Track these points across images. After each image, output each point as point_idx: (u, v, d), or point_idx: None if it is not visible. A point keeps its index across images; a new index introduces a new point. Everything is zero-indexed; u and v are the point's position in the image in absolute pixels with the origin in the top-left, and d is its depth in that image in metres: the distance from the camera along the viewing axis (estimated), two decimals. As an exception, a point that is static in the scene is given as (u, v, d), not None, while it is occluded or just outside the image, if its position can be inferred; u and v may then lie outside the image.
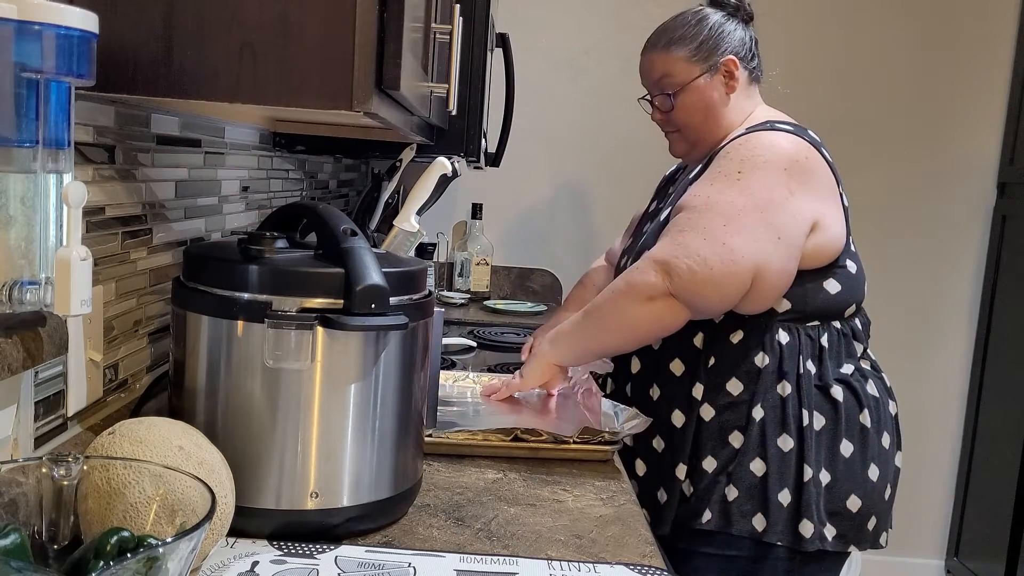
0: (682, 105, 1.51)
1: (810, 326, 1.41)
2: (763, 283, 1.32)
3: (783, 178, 1.35)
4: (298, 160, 1.92)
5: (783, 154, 1.37)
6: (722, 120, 1.51)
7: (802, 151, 1.39)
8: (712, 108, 1.50)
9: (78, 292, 0.69)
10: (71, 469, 0.66)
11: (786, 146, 1.38)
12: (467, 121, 1.76)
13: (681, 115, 1.52)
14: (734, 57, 1.49)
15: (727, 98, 1.51)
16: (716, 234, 1.30)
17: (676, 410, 1.42)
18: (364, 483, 0.91)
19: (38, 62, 0.65)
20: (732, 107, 1.51)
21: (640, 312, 1.34)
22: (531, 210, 2.85)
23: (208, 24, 0.78)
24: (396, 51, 0.83)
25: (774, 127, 1.44)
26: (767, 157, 1.36)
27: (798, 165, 1.37)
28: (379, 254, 0.95)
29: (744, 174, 1.35)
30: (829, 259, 1.40)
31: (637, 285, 1.33)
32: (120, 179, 1.05)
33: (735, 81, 1.50)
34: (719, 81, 1.50)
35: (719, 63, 1.49)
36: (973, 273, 2.93)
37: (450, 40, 1.12)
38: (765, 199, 1.33)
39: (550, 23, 2.78)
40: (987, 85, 2.85)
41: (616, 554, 0.93)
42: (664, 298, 1.32)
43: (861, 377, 1.43)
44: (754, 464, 1.36)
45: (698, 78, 1.49)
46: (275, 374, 0.86)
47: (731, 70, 1.49)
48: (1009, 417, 2.75)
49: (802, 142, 1.40)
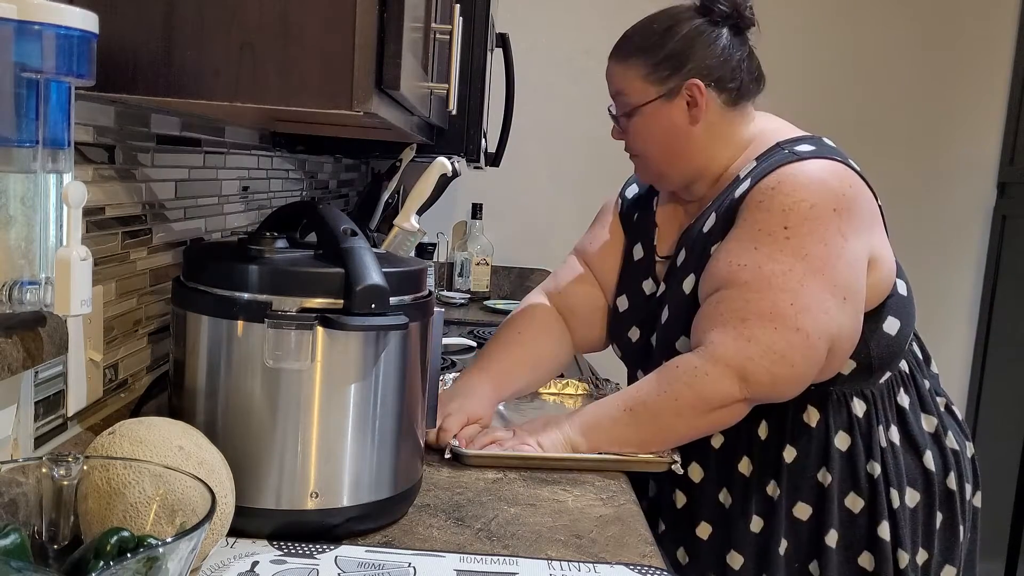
0: (635, 131, 1.29)
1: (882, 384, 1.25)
2: (835, 355, 1.17)
3: (834, 223, 1.15)
4: (298, 160, 1.92)
5: (828, 193, 1.16)
6: (690, 151, 1.27)
7: (844, 180, 1.18)
8: (673, 138, 1.26)
9: (78, 292, 0.69)
10: (71, 469, 0.66)
11: (827, 180, 1.17)
12: (467, 121, 1.76)
13: (636, 142, 1.30)
14: (698, 81, 1.23)
15: (691, 128, 1.26)
16: (787, 320, 1.12)
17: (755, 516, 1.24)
18: (364, 483, 0.91)
19: (38, 62, 0.65)
20: (703, 138, 1.26)
21: (706, 422, 1.18)
22: (531, 210, 2.85)
23: (208, 24, 0.78)
24: (396, 51, 0.82)
25: (797, 155, 1.20)
26: (812, 201, 1.15)
27: (845, 199, 1.17)
28: (379, 254, 0.95)
29: (792, 229, 1.14)
30: (885, 293, 1.23)
31: (709, 397, 1.15)
32: (120, 179, 1.05)
33: (699, 110, 1.24)
34: (680, 108, 1.25)
35: (680, 87, 1.24)
36: (973, 273, 2.93)
37: (450, 40, 1.12)
38: (823, 257, 1.14)
39: (550, 23, 2.78)
40: (987, 85, 2.85)
41: (616, 554, 0.93)
42: (735, 405, 1.16)
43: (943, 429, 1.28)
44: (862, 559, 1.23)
45: (652, 102, 1.25)
46: (275, 374, 0.86)
47: (695, 96, 1.24)
48: (1009, 417, 2.75)
49: (837, 166, 1.20)
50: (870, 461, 1.22)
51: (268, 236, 0.90)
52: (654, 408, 1.17)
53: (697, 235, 1.27)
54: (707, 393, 1.15)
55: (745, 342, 1.13)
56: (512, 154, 2.32)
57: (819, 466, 1.23)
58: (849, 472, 1.23)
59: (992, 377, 2.87)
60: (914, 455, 1.25)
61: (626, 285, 1.41)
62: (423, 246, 2.53)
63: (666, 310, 1.29)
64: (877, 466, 1.22)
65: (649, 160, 1.31)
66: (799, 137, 1.27)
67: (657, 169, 1.32)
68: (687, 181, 1.31)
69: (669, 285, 1.31)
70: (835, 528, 1.22)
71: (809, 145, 1.23)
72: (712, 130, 1.27)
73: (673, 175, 1.31)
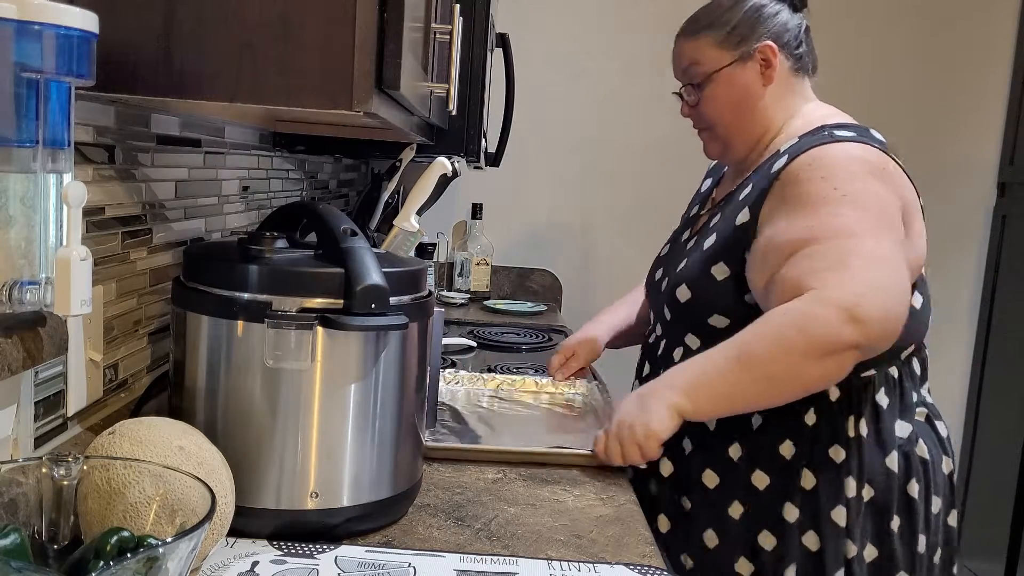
0: (710, 97, 1.33)
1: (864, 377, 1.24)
2: None
3: (875, 183, 1.18)
4: (298, 160, 1.92)
5: (864, 163, 1.20)
6: (757, 116, 1.33)
7: (881, 159, 1.22)
8: (744, 101, 1.33)
9: (78, 292, 0.69)
10: (71, 469, 0.66)
11: (863, 155, 1.21)
12: (467, 121, 1.76)
13: (709, 109, 1.34)
14: (772, 43, 1.31)
15: (763, 91, 1.32)
16: (884, 259, 1.12)
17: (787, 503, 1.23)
18: (364, 483, 0.91)
19: (38, 62, 0.65)
20: (770, 102, 1.33)
21: (818, 371, 1.12)
22: (531, 210, 2.85)
23: (208, 24, 0.78)
24: (396, 51, 0.83)
25: (833, 136, 1.24)
26: (849, 166, 1.19)
27: (880, 171, 1.20)
28: (379, 254, 0.95)
29: (841, 188, 1.16)
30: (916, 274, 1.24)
31: (818, 339, 1.09)
32: (120, 179, 1.05)
33: (772, 70, 1.31)
34: (754, 70, 1.32)
35: (754, 49, 1.31)
36: (973, 273, 2.93)
37: (450, 40, 1.12)
38: (879, 210, 1.16)
39: (550, 23, 2.78)
40: (987, 85, 2.85)
41: (616, 554, 0.93)
42: (845, 352, 1.11)
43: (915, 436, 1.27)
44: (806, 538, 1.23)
45: (728, 66, 1.31)
46: (275, 374, 0.86)
47: (768, 57, 1.31)
48: (1009, 417, 2.75)
49: (874, 150, 1.23)
50: (834, 445, 1.22)
51: (268, 236, 0.90)
52: (763, 356, 1.11)
53: (734, 202, 1.32)
54: (817, 334, 1.09)
55: (851, 281, 1.09)
56: (512, 154, 2.32)
57: (783, 437, 1.24)
58: (809, 449, 1.23)
59: (992, 377, 2.87)
60: (879, 452, 1.24)
61: (672, 237, 1.51)
62: (423, 246, 2.53)
63: (685, 260, 1.34)
64: (841, 452, 1.22)
65: (718, 127, 1.35)
66: (844, 123, 1.30)
67: (725, 137, 1.36)
68: (749, 149, 1.36)
69: (697, 240, 1.36)
70: (792, 503, 1.23)
71: (850, 131, 1.26)
72: (777, 94, 1.33)
73: (739, 144, 1.36)
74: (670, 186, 2.66)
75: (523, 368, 1.77)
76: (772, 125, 1.34)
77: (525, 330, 2.23)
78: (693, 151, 1.53)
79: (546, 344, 2.08)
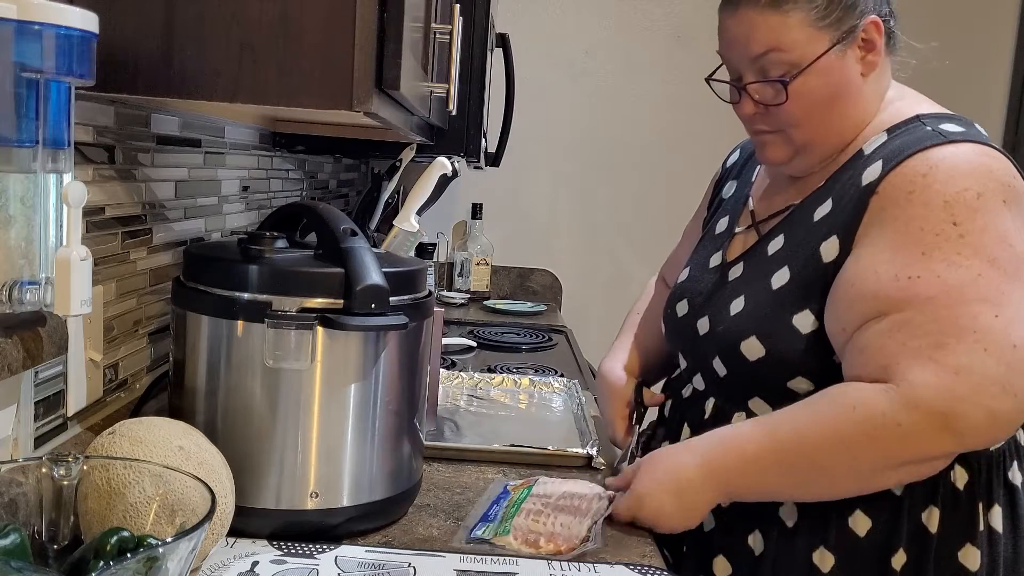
0: (802, 93, 1.00)
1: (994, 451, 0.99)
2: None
3: (1007, 216, 0.92)
4: (298, 160, 1.92)
5: (994, 182, 0.93)
6: (851, 114, 1.03)
7: (1008, 170, 0.96)
8: (841, 97, 1.02)
9: (78, 292, 0.69)
10: (71, 469, 0.66)
11: (990, 166, 0.95)
12: (467, 121, 1.76)
13: (798, 109, 1.01)
14: (877, 17, 1.01)
15: (862, 81, 1.02)
16: (997, 336, 0.87)
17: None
18: (364, 483, 0.91)
19: (38, 62, 0.65)
20: (868, 94, 1.04)
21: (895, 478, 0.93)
22: (531, 210, 2.85)
23: (208, 24, 0.78)
24: (396, 51, 0.83)
25: (945, 135, 0.97)
26: (978, 190, 0.92)
27: (1013, 192, 0.94)
28: (379, 254, 0.95)
29: (963, 225, 0.91)
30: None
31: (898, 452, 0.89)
32: (120, 179, 1.05)
33: (876, 54, 1.02)
34: (854, 56, 1.01)
35: (857, 27, 1.00)
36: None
37: (450, 40, 1.12)
38: (1010, 258, 0.91)
39: (550, 23, 2.78)
40: (987, 85, 2.85)
41: (616, 554, 0.93)
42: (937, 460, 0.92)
43: None
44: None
45: (827, 53, 0.99)
46: (275, 374, 0.86)
47: (872, 38, 1.01)
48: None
49: (995, 153, 0.97)
50: (966, 545, 0.96)
51: (268, 236, 0.90)
52: (819, 462, 0.92)
53: (805, 222, 1.04)
54: (897, 449, 0.89)
55: (951, 376, 0.87)
56: (512, 154, 2.31)
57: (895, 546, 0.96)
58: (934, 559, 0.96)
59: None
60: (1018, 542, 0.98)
61: (694, 258, 1.22)
62: (423, 246, 2.52)
63: (741, 299, 1.06)
64: (977, 556, 0.95)
65: (800, 130, 1.04)
66: (944, 114, 1.04)
67: (805, 142, 1.05)
68: (830, 157, 1.06)
69: (750, 270, 1.08)
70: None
71: (957, 126, 1.00)
72: (874, 83, 1.05)
73: (822, 150, 1.05)
74: (670, 186, 2.66)
75: (523, 368, 1.77)
76: (862, 123, 1.05)
77: (525, 330, 2.23)
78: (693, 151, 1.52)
79: (546, 344, 2.09)
